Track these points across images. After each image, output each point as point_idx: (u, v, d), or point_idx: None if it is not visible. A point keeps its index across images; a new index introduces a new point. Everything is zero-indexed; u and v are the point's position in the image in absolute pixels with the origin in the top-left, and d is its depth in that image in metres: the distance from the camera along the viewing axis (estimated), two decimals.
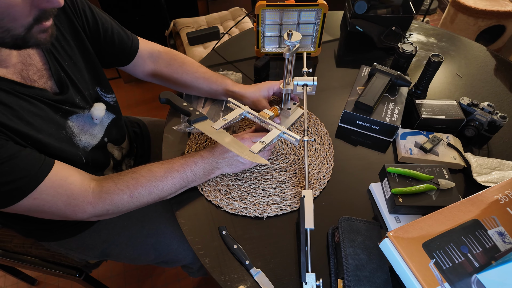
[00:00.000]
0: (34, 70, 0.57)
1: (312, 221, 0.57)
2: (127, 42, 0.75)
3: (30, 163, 0.51)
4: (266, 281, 0.56)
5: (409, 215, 0.63)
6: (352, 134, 0.81)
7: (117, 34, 0.72)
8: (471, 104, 0.77)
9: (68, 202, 0.56)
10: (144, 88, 2.12)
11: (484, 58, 1.03)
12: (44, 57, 0.59)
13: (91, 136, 0.68)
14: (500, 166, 0.71)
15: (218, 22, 1.70)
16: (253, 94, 0.79)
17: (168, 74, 0.81)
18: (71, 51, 0.64)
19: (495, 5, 1.88)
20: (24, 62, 0.56)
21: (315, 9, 0.91)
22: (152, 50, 0.80)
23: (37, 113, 0.56)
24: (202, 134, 0.79)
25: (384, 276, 0.53)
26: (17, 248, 0.88)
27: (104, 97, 0.73)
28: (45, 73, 0.59)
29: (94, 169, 0.69)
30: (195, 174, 0.64)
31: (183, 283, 1.32)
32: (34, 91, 0.56)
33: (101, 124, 0.71)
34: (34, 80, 0.57)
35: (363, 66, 0.92)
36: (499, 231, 0.51)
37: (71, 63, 0.63)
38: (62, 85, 0.61)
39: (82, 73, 0.66)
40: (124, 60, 0.77)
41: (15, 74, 0.54)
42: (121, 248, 0.81)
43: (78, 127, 0.64)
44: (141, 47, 0.78)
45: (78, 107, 0.64)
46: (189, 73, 0.80)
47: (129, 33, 0.76)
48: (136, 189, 0.60)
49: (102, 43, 0.70)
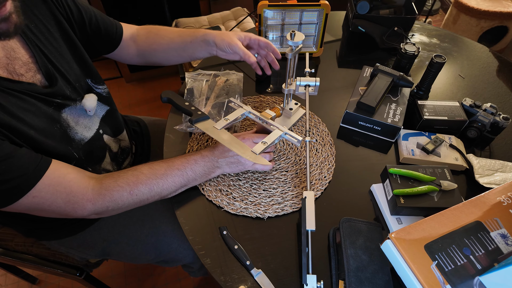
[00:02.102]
0: (20, 64, 0.56)
1: (314, 222, 0.57)
2: (112, 28, 0.75)
3: (28, 161, 0.51)
4: (266, 282, 0.56)
5: (411, 217, 0.62)
6: (354, 134, 0.81)
7: (101, 21, 0.73)
8: (473, 105, 0.77)
9: (68, 200, 0.55)
10: (146, 87, 2.13)
11: (487, 59, 1.03)
12: (30, 50, 0.57)
13: (86, 128, 0.68)
14: (503, 168, 0.70)
15: (220, 22, 1.70)
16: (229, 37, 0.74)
17: (148, 47, 0.80)
18: (56, 43, 0.62)
19: (497, 6, 1.88)
20: (8, 56, 0.54)
21: (317, 9, 0.91)
22: (132, 31, 0.81)
23: (28, 108, 0.55)
24: (203, 134, 0.79)
25: (385, 277, 0.53)
26: (18, 247, 0.88)
27: (96, 88, 0.72)
28: (32, 66, 0.58)
29: (90, 163, 0.69)
30: (195, 172, 0.64)
31: (184, 282, 1.32)
32: (22, 85, 0.54)
33: (96, 115, 0.71)
34: (21, 74, 0.55)
35: (365, 67, 0.92)
36: (502, 233, 0.51)
37: (58, 54, 0.62)
38: (50, 78, 0.60)
39: (70, 65, 0.65)
40: (111, 46, 0.78)
41: (1, 69, 0.53)
42: (121, 247, 0.81)
43: (73, 120, 0.64)
44: (125, 31, 0.79)
45: (69, 99, 0.63)
46: (165, 37, 0.79)
47: (112, 19, 0.76)
48: (136, 186, 0.60)
49: (88, 32, 0.70)
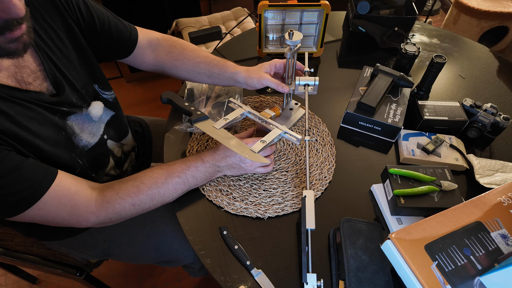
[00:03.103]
0: (28, 72, 0.55)
1: (313, 221, 0.57)
2: (126, 33, 0.73)
3: (34, 173, 0.51)
4: (267, 282, 0.56)
5: (411, 217, 0.62)
6: (354, 135, 0.81)
7: (114, 26, 0.70)
8: (474, 106, 0.77)
9: (72, 212, 0.56)
10: (146, 87, 2.13)
11: (487, 59, 1.02)
12: (38, 58, 0.57)
13: (91, 134, 0.67)
14: (503, 168, 0.70)
15: (220, 22, 1.70)
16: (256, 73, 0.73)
17: (169, 62, 0.78)
18: (66, 49, 0.62)
19: (498, 6, 1.87)
20: (17, 65, 0.53)
21: (317, 9, 0.91)
22: (151, 38, 0.78)
23: (34, 117, 0.54)
24: (203, 134, 0.79)
25: (385, 278, 0.53)
26: (18, 247, 0.88)
27: (103, 94, 0.71)
28: (40, 74, 0.57)
29: (93, 169, 0.69)
30: (196, 178, 0.64)
31: (184, 282, 1.32)
32: (30, 95, 0.54)
33: (101, 121, 0.70)
34: (29, 83, 0.55)
35: (365, 67, 0.92)
36: (502, 234, 0.51)
37: (66, 61, 0.62)
38: (58, 86, 0.59)
39: (78, 71, 0.64)
40: (124, 52, 0.75)
41: (9, 78, 0.52)
42: (122, 248, 0.81)
43: (78, 126, 0.64)
44: (141, 37, 0.76)
45: (75, 106, 0.63)
46: (190, 59, 0.77)
47: (126, 24, 0.74)
48: (137, 197, 0.60)
49: (99, 37, 0.68)
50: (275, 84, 0.71)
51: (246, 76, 0.73)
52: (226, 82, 0.77)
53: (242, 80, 0.73)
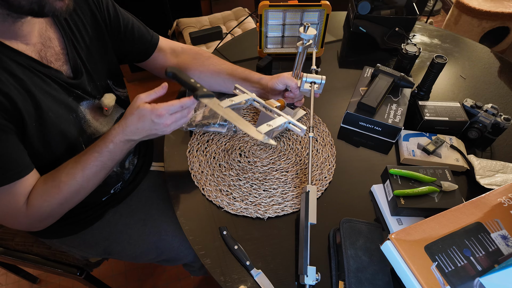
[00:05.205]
0: (52, 53, 0.60)
1: (315, 216, 0.57)
2: (147, 37, 0.77)
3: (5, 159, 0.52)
4: (266, 282, 0.56)
5: (411, 217, 0.62)
6: (354, 135, 0.80)
7: (137, 29, 0.75)
8: (474, 106, 0.76)
9: (6, 212, 0.57)
10: (147, 87, 2.12)
11: (488, 59, 1.02)
12: (63, 42, 0.62)
13: (101, 125, 0.70)
14: (504, 169, 0.70)
15: (221, 22, 1.70)
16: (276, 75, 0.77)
17: (194, 67, 0.82)
18: (90, 42, 0.66)
19: (499, 6, 1.87)
20: (44, 43, 0.58)
21: (318, 10, 0.91)
22: (175, 46, 0.83)
23: (49, 91, 0.58)
24: (204, 134, 0.79)
25: (385, 278, 0.53)
26: (19, 246, 0.88)
27: (115, 90, 0.75)
28: (62, 57, 0.62)
29: None
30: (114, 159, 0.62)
31: (184, 282, 1.32)
32: (50, 71, 0.58)
33: (111, 117, 0.73)
34: (51, 62, 0.59)
35: (366, 67, 0.92)
36: (502, 235, 0.51)
37: (88, 52, 0.66)
38: (76, 71, 0.63)
39: (96, 64, 0.68)
40: (143, 55, 0.79)
41: (34, 52, 0.57)
42: (122, 246, 0.81)
43: (90, 114, 0.67)
44: (163, 43, 0.81)
45: (89, 94, 0.66)
46: (216, 65, 0.81)
47: (150, 30, 0.79)
48: (62, 196, 0.59)
49: (122, 38, 0.73)
50: (292, 81, 0.75)
51: (269, 79, 0.78)
52: (251, 86, 0.81)
53: (265, 82, 0.78)
